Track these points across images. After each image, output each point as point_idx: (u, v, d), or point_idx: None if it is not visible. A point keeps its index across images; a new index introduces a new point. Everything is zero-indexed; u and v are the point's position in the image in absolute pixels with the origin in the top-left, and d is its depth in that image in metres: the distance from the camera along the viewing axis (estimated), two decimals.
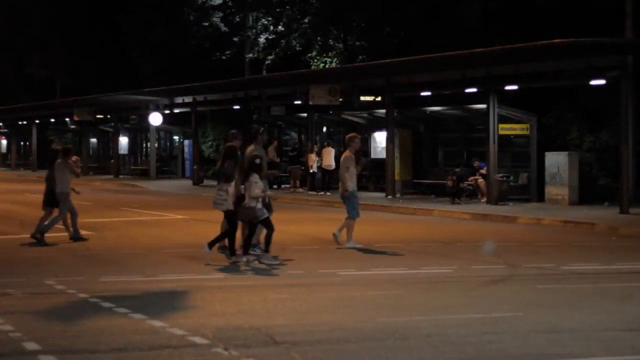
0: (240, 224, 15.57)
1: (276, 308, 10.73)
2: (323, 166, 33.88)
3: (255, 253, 15.26)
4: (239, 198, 15.19)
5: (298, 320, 10.04)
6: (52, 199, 18.58)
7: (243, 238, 15.43)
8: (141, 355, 8.44)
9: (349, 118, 36.09)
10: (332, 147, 34.43)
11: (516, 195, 28.31)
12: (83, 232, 20.33)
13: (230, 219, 15.30)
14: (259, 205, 15.01)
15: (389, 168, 31.19)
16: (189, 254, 16.28)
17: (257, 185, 14.86)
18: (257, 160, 15.14)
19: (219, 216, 20.26)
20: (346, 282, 13.08)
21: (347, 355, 8.48)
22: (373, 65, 31.75)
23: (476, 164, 28.74)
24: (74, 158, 19.12)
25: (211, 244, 15.26)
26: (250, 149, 16.11)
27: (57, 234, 18.46)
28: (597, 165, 27.49)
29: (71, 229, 18.57)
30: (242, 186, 15.14)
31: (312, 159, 34.07)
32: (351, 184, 17.25)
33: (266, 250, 14.98)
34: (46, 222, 18.31)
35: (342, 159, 17.53)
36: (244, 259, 14.95)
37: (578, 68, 25.48)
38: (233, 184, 15.17)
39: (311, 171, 34.37)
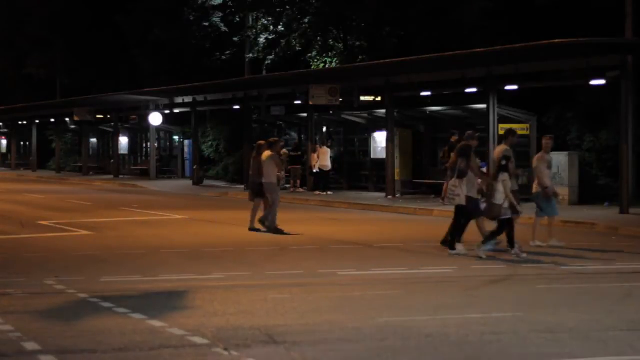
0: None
1: (276, 308, 10.72)
2: (319, 166, 33.85)
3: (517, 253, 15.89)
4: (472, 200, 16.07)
5: (298, 320, 10.04)
6: (260, 190, 19.87)
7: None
8: (141, 355, 8.44)
9: (349, 118, 36.09)
10: (329, 147, 34.44)
11: None
12: (83, 232, 20.35)
13: (461, 213, 16.06)
14: (505, 205, 15.74)
15: (389, 168, 31.17)
16: (189, 254, 16.29)
17: (504, 184, 15.67)
18: (504, 162, 15.93)
19: (219, 216, 20.28)
20: (346, 282, 13.07)
21: (347, 355, 8.48)
22: (373, 65, 31.73)
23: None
24: (284, 151, 20.22)
25: (449, 243, 16.00)
26: (500, 148, 16.90)
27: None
28: (597, 165, 27.48)
29: (257, 218, 19.84)
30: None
31: (315, 159, 34.05)
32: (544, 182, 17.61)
33: (486, 239, 15.91)
34: (268, 215, 19.63)
35: (534, 159, 18.01)
36: (512, 252, 15.67)
37: (578, 68, 25.44)
38: (465, 180, 15.98)
39: (315, 171, 34.30)
